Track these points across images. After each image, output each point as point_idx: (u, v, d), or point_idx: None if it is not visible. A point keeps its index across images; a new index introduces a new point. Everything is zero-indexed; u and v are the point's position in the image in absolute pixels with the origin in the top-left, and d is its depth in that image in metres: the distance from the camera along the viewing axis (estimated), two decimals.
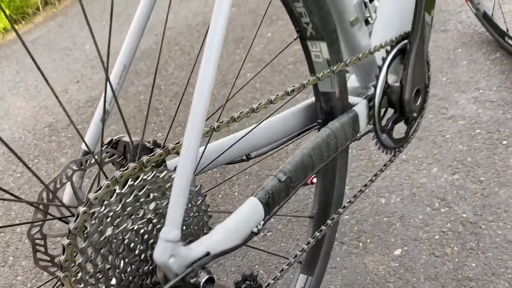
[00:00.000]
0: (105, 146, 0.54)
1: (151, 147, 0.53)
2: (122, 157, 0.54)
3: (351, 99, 0.76)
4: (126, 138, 0.52)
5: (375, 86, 0.74)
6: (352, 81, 0.83)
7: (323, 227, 0.70)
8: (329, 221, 0.71)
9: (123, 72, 0.61)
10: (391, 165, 0.98)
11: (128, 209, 0.47)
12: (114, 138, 0.54)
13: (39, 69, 0.40)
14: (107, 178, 0.46)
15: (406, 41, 0.77)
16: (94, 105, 1.82)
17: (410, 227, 1.06)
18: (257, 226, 0.55)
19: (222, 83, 1.76)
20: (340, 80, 0.69)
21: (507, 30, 1.46)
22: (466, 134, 1.24)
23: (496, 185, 1.09)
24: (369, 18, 0.72)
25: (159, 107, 1.71)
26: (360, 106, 0.73)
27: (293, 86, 0.61)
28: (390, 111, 0.80)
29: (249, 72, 1.78)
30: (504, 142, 1.19)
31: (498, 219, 1.02)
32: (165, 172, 0.49)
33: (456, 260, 0.97)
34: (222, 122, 0.54)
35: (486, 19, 1.54)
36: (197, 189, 0.53)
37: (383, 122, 0.78)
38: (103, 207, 0.45)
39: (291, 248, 1.10)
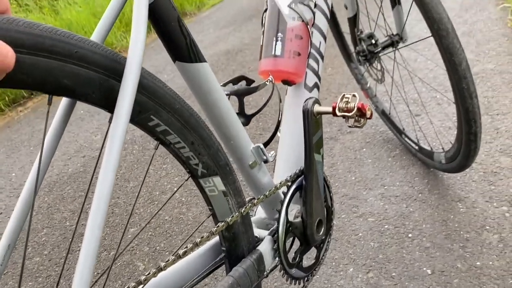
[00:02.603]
0: None
1: None
2: None
3: (257, 231, 0.80)
4: None
5: (277, 226, 0.76)
6: (260, 212, 0.88)
7: None
8: None
9: (7, 252, 0.55)
10: None
11: None
12: None
13: None
14: None
15: (302, 177, 0.81)
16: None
17: None
18: None
19: (149, 200, 1.79)
20: (244, 218, 0.72)
21: (403, 129, 1.64)
22: (376, 230, 1.33)
23: (406, 279, 1.15)
24: (268, 158, 0.76)
25: None
26: (265, 245, 0.76)
27: (202, 237, 0.62)
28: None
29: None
30: (410, 235, 1.28)
31: None
32: None
33: None
34: None
35: (384, 116, 1.72)
36: None
37: (291, 255, 0.81)
38: None
39: None
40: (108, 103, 0.52)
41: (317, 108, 0.74)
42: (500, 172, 1.39)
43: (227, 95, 0.72)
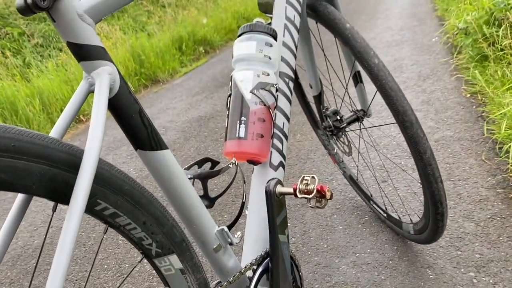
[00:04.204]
0: None
1: None
2: None
3: None
4: None
5: None
6: None
7: None
8: None
9: None
10: None
11: None
12: None
13: None
14: None
15: (268, 259, 0.80)
16: None
17: None
18: None
19: (117, 273, 1.73)
20: None
21: (371, 195, 1.67)
22: None
23: None
24: (233, 240, 0.75)
25: None
26: None
27: None
28: None
29: None
30: None
31: None
32: None
33: None
34: None
35: (352, 181, 1.76)
36: None
37: None
38: None
39: None
40: (50, 193, 0.50)
41: (279, 189, 0.76)
42: (465, 238, 1.42)
43: (190, 179, 0.73)
